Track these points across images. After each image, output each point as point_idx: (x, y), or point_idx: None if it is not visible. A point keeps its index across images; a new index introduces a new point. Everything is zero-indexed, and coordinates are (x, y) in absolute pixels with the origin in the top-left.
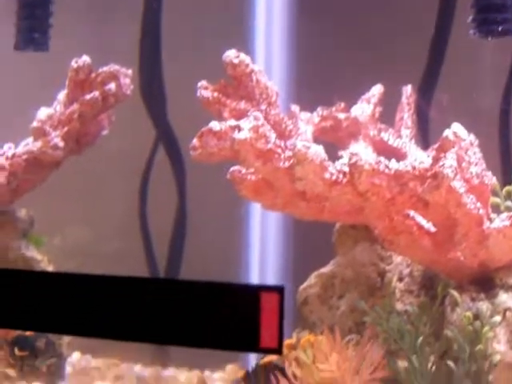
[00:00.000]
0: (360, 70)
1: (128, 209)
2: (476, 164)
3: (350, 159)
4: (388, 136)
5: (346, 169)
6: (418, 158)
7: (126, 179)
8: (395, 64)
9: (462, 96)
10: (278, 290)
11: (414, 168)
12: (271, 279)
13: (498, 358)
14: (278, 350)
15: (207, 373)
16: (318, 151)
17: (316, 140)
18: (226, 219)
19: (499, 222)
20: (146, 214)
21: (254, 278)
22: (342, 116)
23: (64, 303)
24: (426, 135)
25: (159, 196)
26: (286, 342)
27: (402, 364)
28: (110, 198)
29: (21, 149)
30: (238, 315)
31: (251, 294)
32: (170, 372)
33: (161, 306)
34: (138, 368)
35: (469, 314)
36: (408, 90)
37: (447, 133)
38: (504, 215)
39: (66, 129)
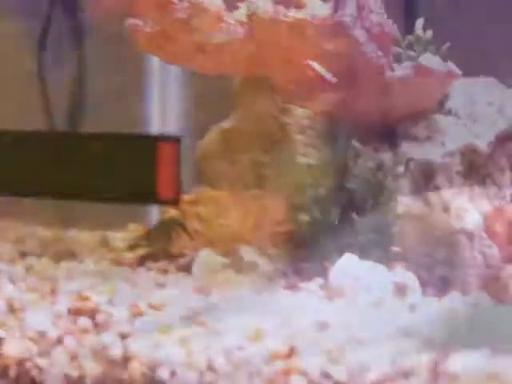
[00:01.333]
0: None
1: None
2: (378, 13)
3: (247, 9)
4: None
5: (244, 19)
6: (317, 7)
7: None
8: None
9: None
10: (175, 139)
11: (313, 17)
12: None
13: (402, 209)
14: (175, 201)
15: (110, 233)
16: (214, 1)
17: None
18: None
19: (402, 70)
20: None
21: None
22: None
23: None
24: None
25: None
26: (186, 197)
27: (305, 217)
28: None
29: None
30: (134, 167)
31: (148, 144)
32: (72, 233)
33: (56, 161)
34: (39, 230)
35: (371, 164)
36: None
37: None
38: (406, 63)
39: None
